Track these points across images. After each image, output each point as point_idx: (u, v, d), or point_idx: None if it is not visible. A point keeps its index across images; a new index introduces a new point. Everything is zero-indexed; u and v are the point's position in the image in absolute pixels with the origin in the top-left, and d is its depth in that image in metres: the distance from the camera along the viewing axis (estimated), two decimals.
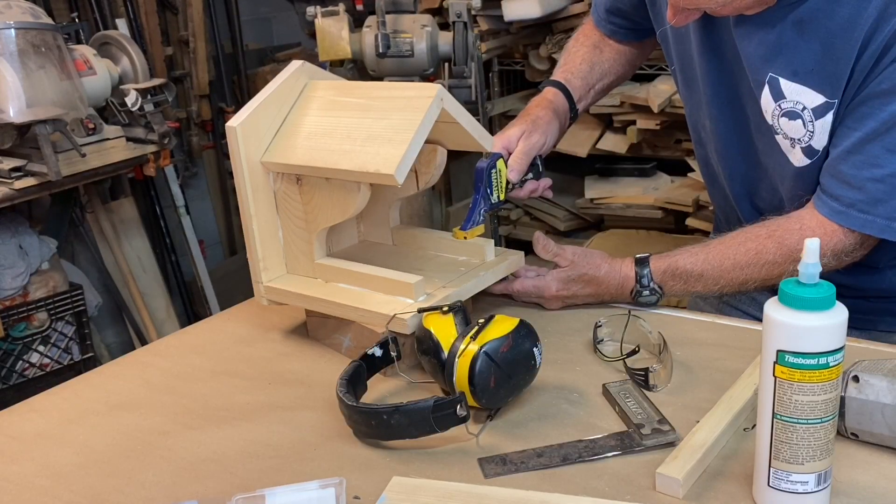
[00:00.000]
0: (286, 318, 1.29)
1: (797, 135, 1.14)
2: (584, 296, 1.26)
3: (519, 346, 0.97)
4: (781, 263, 1.15)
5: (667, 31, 1.30)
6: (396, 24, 2.30)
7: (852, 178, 1.09)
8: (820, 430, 0.77)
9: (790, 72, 1.12)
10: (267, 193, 1.16)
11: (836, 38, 1.07)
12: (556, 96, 1.40)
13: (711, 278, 1.19)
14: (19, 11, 2.10)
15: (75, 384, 1.17)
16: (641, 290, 1.22)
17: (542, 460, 0.91)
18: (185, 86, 3.34)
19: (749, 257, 1.17)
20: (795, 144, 1.16)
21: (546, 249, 1.26)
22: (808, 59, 1.10)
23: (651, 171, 3.11)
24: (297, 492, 0.85)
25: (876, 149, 1.07)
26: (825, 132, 1.12)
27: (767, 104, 1.15)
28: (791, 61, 1.11)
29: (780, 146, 1.18)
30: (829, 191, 1.12)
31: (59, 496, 0.92)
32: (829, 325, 0.75)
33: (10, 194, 2.16)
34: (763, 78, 1.14)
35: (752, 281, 1.18)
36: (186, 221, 3.10)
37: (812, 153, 1.15)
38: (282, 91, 1.16)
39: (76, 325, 2.58)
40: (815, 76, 1.10)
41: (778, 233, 1.15)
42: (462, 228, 1.23)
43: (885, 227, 1.09)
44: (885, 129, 1.06)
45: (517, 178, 1.29)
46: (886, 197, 1.08)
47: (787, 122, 1.14)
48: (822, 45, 1.08)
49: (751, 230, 1.19)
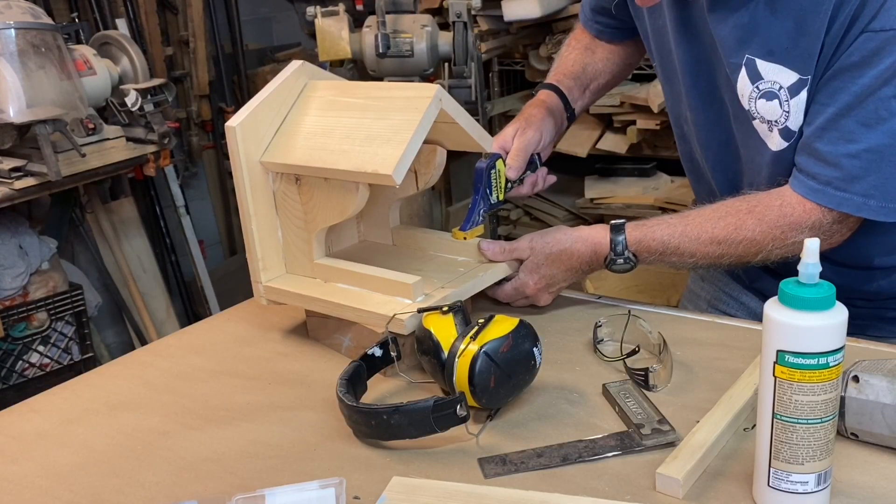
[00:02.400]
0: (286, 318, 1.29)
1: (774, 116, 1.13)
2: (562, 275, 1.22)
3: (519, 346, 0.97)
4: (760, 241, 1.13)
5: (647, 28, 1.29)
6: (396, 24, 2.30)
7: (827, 154, 1.07)
8: (820, 430, 0.77)
9: (766, 51, 1.10)
10: (266, 193, 1.16)
11: (806, 13, 1.05)
12: (549, 97, 1.40)
13: (687, 251, 1.17)
14: (19, 11, 2.10)
15: (75, 384, 1.17)
16: (615, 259, 1.19)
17: (542, 460, 0.91)
18: (185, 86, 3.34)
19: (727, 232, 1.15)
20: (773, 127, 1.14)
21: (498, 253, 1.21)
22: (783, 36, 1.08)
23: (651, 171, 3.11)
24: (297, 492, 0.85)
25: (850, 124, 1.05)
26: (800, 111, 1.10)
27: (744, 87, 1.14)
28: (766, 41, 1.10)
29: (758, 131, 1.16)
30: (806, 169, 1.10)
31: (59, 496, 0.91)
32: (829, 325, 0.75)
33: (10, 194, 2.16)
34: (740, 60, 1.13)
35: (727, 256, 1.16)
36: (186, 221, 3.10)
37: (789, 135, 1.13)
38: (281, 91, 1.16)
39: (76, 325, 2.58)
40: (790, 54, 1.08)
41: (758, 208, 1.14)
42: (462, 229, 1.23)
43: (861, 205, 1.07)
44: (857, 102, 1.04)
45: (516, 175, 1.29)
46: (862, 173, 1.06)
47: (764, 103, 1.13)
48: (795, 21, 1.07)
49: (731, 203, 1.17)
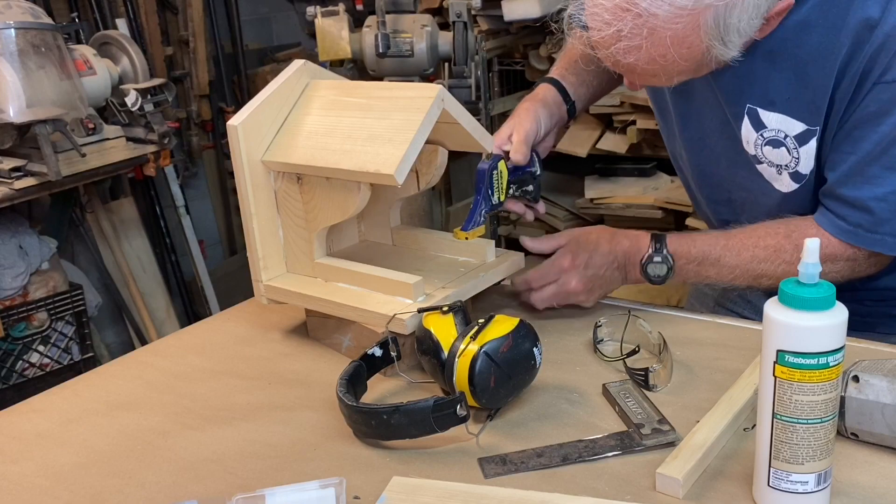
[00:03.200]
0: (286, 318, 1.29)
1: (783, 161, 1.14)
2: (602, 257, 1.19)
3: (519, 346, 0.97)
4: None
5: None
6: (396, 24, 2.30)
7: (854, 199, 1.09)
8: (820, 430, 0.77)
9: (767, 102, 1.12)
10: (267, 192, 1.16)
11: (808, 67, 1.07)
12: (546, 90, 1.40)
13: (727, 266, 1.16)
14: (19, 11, 2.10)
15: (75, 384, 1.17)
16: (653, 256, 1.16)
17: (542, 460, 0.91)
18: (185, 86, 3.34)
19: (768, 253, 1.14)
20: (782, 171, 1.15)
21: (542, 243, 1.23)
22: (783, 88, 1.10)
23: (651, 170, 3.11)
24: (297, 492, 0.85)
25: (875, 169, 1.07)
26: (810, 157, 1.12)
27: (749, 134, 1.15)
28: (766, 92, 1.11)
29: (764, 175, 1.18)
30: (835, 210, 1.12)
31: (59, 496, 0.91)
32: (829, 325, 0.75)
33: (10, 194, 2.16)
34: (741, 109, 1.14)
35: (767, 277, 1.15)
36: (186, 221, 3.10)
37: (799, 178, 1.15)
38: (283, 90, 1.16)
39: (76, 325, 2.58)
40: (793, 104, 1.10)
41: (795, 234, 1.14)
42: (463, 229, 1.23)
43: (894, 245, 1.09)
44: (880, 149, 1.06)
45: (525, 159, 1.27)
46: (891, 215, 1.07)
47: (770, 150, 1.14)
48: (796, 73, 1.08)
49: (770, 226, 1.16)
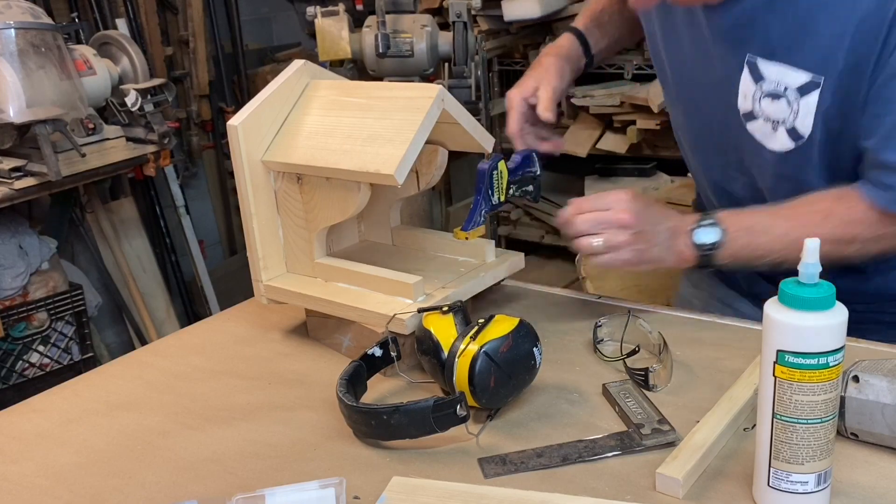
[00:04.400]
0: (286, 318, 1.29)
1: (781, 116, 1.10)
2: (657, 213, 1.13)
3: (519, 346, 0.97)
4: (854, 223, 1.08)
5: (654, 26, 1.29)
6: (396, 24, 2.30)
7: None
8: (820, 430, 0.77)
9: (767, 51, 1.09)
10: (267, 192, 1.16)
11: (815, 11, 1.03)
12: (570, 43, 1.41)
13: (779, 234, 1.10)
14: (19, 11, 2.10)
15: (75, 384, 1.17)
16: (702, 221, 1.12)
17: (542, 460, 0.91)
18: (185, 86, 3.34)
19: (820, 217, 1.09)
20: (778, 126, 1.11)
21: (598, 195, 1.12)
22: (785, 36, 1.06)
23: (651, 171, 3.11)
24: (297, 492, 0.85)
25: None
26: (810, 114, 1.08)
27: (748, 87, 1.12)
28: (767, 40, 1.08)
29: (756, 135, 1.14)
30: (880, 181, 1.07)
31: (59, 496, 0.91)
32: (829, 325, 0.75)
33: (10, 194, 2.16)
34: (741, 60, 1.11)
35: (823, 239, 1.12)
36: (186, 221, 3.10)
37: (797, 136, 1.10)
38: (283, 90, 1.16)
39: (76, 325, 2.58)
40: (796, 53, 1.06)
41: (845, 199, 1.09)
42: (463, 229, 1.23)
43: None
44: None
45: (553, 118, 1.27)
46: None
47: (769, 103, 1.11)
48: (800, 20, 1.05)
49: (813, 196, 1.11)
